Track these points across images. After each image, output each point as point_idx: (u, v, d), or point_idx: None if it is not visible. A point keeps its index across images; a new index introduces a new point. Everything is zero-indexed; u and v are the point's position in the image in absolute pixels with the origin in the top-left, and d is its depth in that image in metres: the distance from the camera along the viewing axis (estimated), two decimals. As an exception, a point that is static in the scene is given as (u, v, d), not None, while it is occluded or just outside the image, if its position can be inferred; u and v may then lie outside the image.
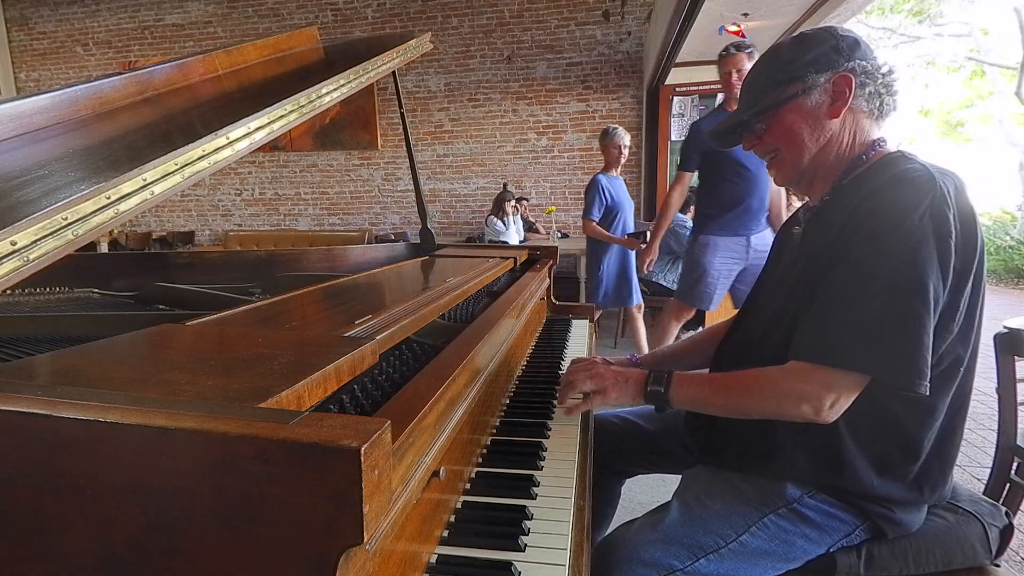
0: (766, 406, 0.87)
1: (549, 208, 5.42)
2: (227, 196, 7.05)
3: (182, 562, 0.41)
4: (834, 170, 0.95)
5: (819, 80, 0.90)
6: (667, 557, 0.89)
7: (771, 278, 1.06)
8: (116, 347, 0.64)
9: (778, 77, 0.94)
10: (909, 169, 0.85)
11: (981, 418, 3.01)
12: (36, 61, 7.17)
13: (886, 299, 0.79)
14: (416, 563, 0.61)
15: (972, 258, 0.83)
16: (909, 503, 0.90)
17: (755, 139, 1.00)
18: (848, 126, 0.93)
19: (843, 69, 0.90)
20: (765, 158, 1.01)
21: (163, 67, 1.21)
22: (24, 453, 0.43)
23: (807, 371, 0.84)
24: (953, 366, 0.86)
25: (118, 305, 1.26)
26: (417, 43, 1.75)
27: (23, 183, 0.72)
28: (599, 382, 1.00)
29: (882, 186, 0.85)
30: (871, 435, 0.88)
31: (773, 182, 1.04)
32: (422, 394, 0.64)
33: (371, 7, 6.33)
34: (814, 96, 0.91)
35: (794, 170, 0.98)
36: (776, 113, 0.94)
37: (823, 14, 3.97)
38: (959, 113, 12.34)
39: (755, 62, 1.01)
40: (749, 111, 0.98)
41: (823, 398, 0.82)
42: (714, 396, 0.93)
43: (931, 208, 0.79)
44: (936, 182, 0.81)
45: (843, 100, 0.90)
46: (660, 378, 0.96)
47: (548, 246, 2.11)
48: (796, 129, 0.93)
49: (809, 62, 0.91)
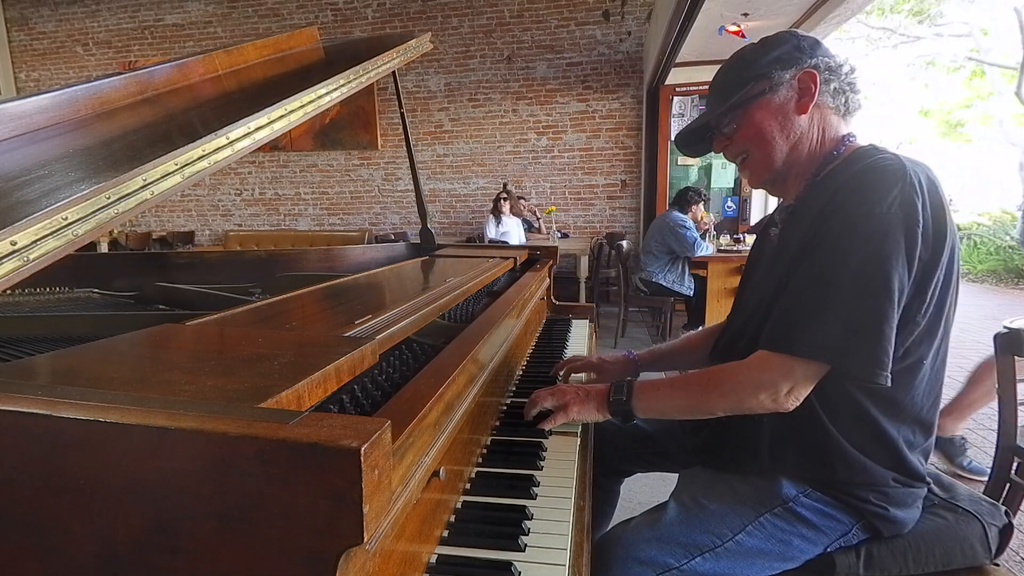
0: (725, 401, 0.88)
1: (549, 208, 5.43)
2: (227, 196, 7.05)
3: (182, 562, 0.41)
4: (807, 168, 0.95)
5: (784, 76, 0.91)
6: (663, 555, 0.89)
7: (751, 281, 1.06)
8: (116, 347, 0.64)
9: (744, 76, 0.94)
10: (880, 159, 0.85)
11: (981, 418, 3.01)
12: (36, 61, 7.17)
13: (851, 289, 0.79)
14: (416, 563, 0.61)
15: (941, 251, 0.82)
16: (899, 500, 0.90)
17: (726, 141, 0.99)
18: (816, 123, 0.93)
19: (807, 66, 0.91)
20: (736, 161, 1.01)
21: (163, 67, 1.21)
22: (24, 453, 0.43)
23: (765, 360, 0.85)
24: (916, 363, 0.86)
25: (118, 305, 1.26)
26: (417, 43, 1.75)
27: (23, 183, 0.72)
28: (559, 398, 1.00)
29: (852, 177, 0.84)
30: (850, 427, 0.88)
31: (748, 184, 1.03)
32: (422, 394, 0.64)
33: (371, 7, 6.33)
34: (781, 93, 0.92)
35: (767, 170, 0.97)
36: (745, 112, 0.94)
37: (823, 14, 3.97)
38: (959, 113, 12.33)
39: (719, 68, 1.01)
40: (717, 111, 0.97)
41: (779, 385, 0.83)
42: (675, 398, 0.94)
43: (901, 196, 0.79)
44: (907, 171, 0.81)
45: (810, 95, 0.91)
46: (621, 388, 0.96)
47: (548, 246, 2.11)
48: (766, 127, 0.93)
49: (773, 60, 0.92)
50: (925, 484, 0.94)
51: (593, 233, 6.26)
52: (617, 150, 6.10)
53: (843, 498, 0.90)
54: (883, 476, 0.89)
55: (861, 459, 0.88)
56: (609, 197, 6.22)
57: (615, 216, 6.26)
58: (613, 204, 6.23)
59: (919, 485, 0.92)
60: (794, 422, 0.87)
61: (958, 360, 4.10)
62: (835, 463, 0.89)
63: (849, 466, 0.88)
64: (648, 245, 4.32)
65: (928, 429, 0.92)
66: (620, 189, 6.17)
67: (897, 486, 0.90)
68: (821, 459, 0.90)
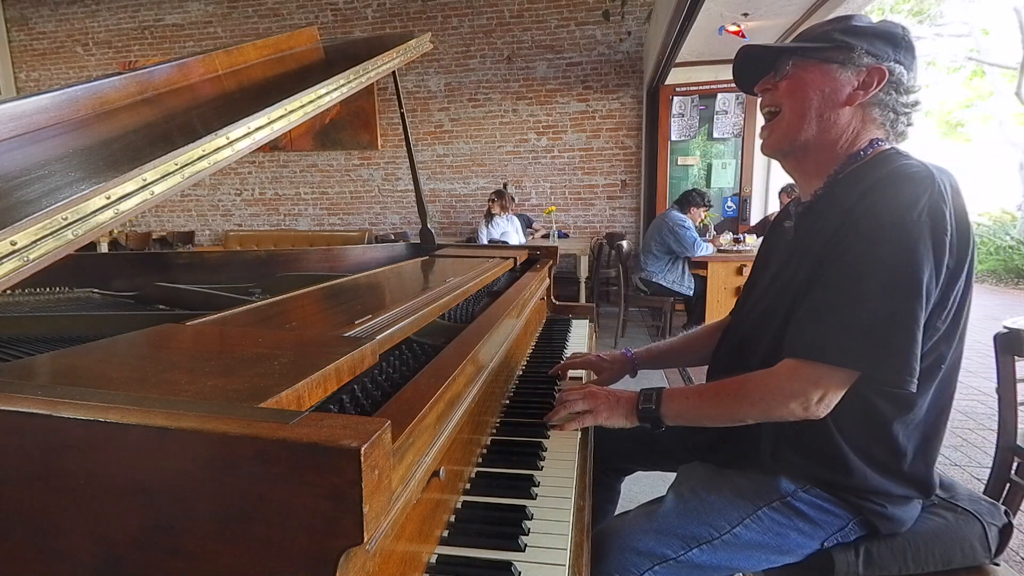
0: (756, 409, 0.87)
1: (549, 208, 5.42)
2: (227, 196, 7.05)
3: (182, 562, 0.41)
4: (830, 161, 0.93)
5: (863, 60, 0.88)
6: (660, 547, 0.89)
7: (762, 276, 1.05)
8: (116, 347, 0.64)
9: (835, 35, 0.90)
10: (907, 165, 0.84)
11: (981, 418, 3.01)
12: (36, 61, 7.17)
13: (882, 297, 0.79)
14: (416, 563, 0.61)
15: (965, 259, 0.83)
16: (900, 499, 0.90)
17: (770, 83, 0.96)
18: (856, 120, 0.90)
19: (884, 63, 0.88)
20: (764, 113, 0.97)
21: (163, 67, 1.21)
22: (24, 453, 0.43)
23: (794, 368, 0.84)
24: (934, 364, 0.86)
25: (118, 305, 1.26)
26: (417, 43, 1.75)
27: (23, 183, 0.72)
28: (591, 402, 1.00)
29: (880, 182, 0.84)
30: (856, 430, 0.88)
31: (761, 148, 1.00)
32: (422, 394, 0.64)
33: (371, 7, 6.33)
34: (847, 73, 0.89)
35: (786, 139, 0.93)
36: (806, 66, 0.91)
37: (823, 14, 3.97)
38: (959, 113, 12.33)
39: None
40: (791, 45, 0.93)
41: (810, 394, 0.82)
42: (704, 407, 0.93)
43: (929, 205, 0.79)
44: (935, 179, 0.81)
45: (865, 90, 0.88)
46: (650, 396, 0.97)
47: (548, 246, 2.11)
48: (810, 92, 0.90)
49: (868, 40, 0.88)
50: (929, 496, 0.93)
51: (593, 233, 6.26)
52: (617, 150, 6.10)
53: (842, 495, 0.90)
54: (884, 485, 0.89)
55: (862, 467, 0.88)
56: (609, 197, 6.22)
57: (615, 216, 6.26)
58: (613, 204, 6.23)
59: (923, 497, 0.92)
60: (796, 423, 0.87)
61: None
62: (836, 467, 0.89)
63: (849, 472, 0.88)
64: (648, 245, 4.33)
65: (934, 436, 0.91)
66: (620, 189, 6.17)
67: (898, 494, 0.90)
68: (821, 461, 0.90)
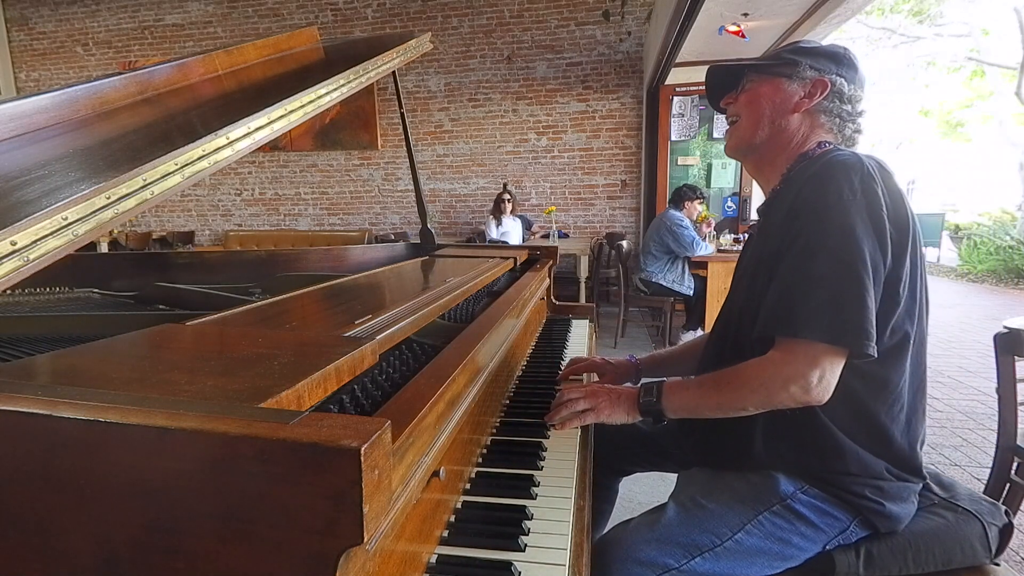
0: (756, 396, 0.88)
1: (549, 208, 5.42)
2: (227, 196, 7.05)
3: (182, 562, 0.41)
4: (784, 161, 1.02)
5: (807, 74, 0.99)
6: (663, 556, 0.89)
7: (742, 270, 1.09)
8: (116, 347, 0.64)
9: (784, 55, 1.02)
10: (838, 154, 0.93)
11: (981, 418, 3.01)
12: (36, 61, 7.17)
13: (831, 270, 0.84)
14: (416, 563, 0.61)
15: (906, 232, 0.88)
16: (895, 488, 0.91)
17: (732, 98, 1.08)
18: (804, 127, 1.01)
19: (827, 76, 0.99)
20: (729, 121, 1.09)
21: (163, 67, 1.21)
22: (24, 453, 0.43)
23: (788, 351, 0.86)
24: (903, 341, 0.90)
25: (118, 305, 1.26)
26: (417, 43, 1.75)
27: (23, 183, 0.72)
28: (592, 400, 1.01)
29: (817, 171, 0.92)
30: (840, 411, 0.89)
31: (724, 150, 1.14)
32: (422, 394, 0.64)
33: (371, 7, 6.33)
34: (794, 85, 1.00)
35: (743, 142, 1.05)
36: (760, 82, 1.03)
37: (823, 14, 3.97)
38: (959, 113, 12.34)
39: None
40: (749, 64, 1.06)
41: (808, 376, 0.84)
42: (705, 397, 0.94)
43: (861, 183, 0.86)
44: (862, 161, 0.89)
45: (809, 99, 0.99)
46: (651, 389, 0.98)
47: (548, 246, 2.11)
48: (763, 103, 1.02)
49: (813, 57, 1.00)
50: (920, 479, 0.94)
51: (593, 233, 6.26)
52: (617, 150, 6.10)
53: (840, 494, 0.91)
54: (876, 466, 0.90)
55: (853, 447, 0.90)
56: (609, 197, 6.21)
57: (615, 216, 6.26)
58: (613, 204, 6.23)
59: (914, 480, 0.93)
60: (786, 413, 0.88)
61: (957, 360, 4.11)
62: (828, 453, 0.90)
63: (842, 456, 0.90)
64: (647, 245, 4.32)
65: (914, 415, 0.94)
66: (620, 189, 6.17)
67: (891, 479, 0.91)
68: (813, 450, 0.91)
